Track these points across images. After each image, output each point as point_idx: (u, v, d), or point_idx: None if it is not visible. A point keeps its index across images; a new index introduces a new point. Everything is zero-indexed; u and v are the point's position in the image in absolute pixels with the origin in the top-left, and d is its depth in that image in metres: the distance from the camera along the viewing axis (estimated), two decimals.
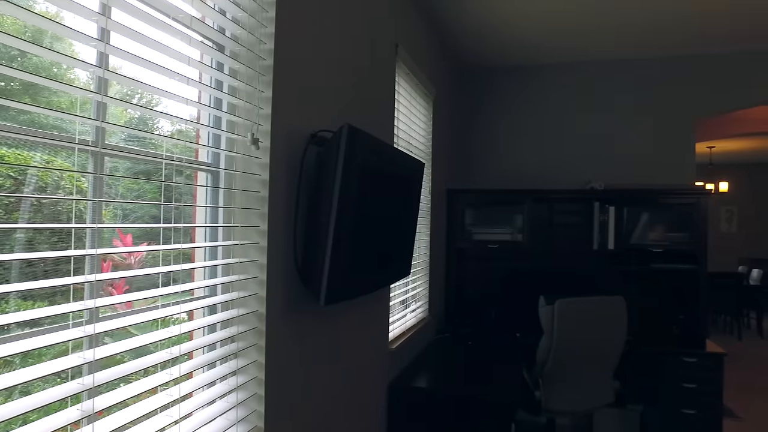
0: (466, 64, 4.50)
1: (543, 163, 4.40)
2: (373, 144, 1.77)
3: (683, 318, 3.99)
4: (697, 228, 3.78)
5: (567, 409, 3.30)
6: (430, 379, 2.93)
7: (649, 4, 3.27)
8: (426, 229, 3.57)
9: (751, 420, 4.52)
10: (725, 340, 7.65)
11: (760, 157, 10.11)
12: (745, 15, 3.41)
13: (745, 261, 10.27)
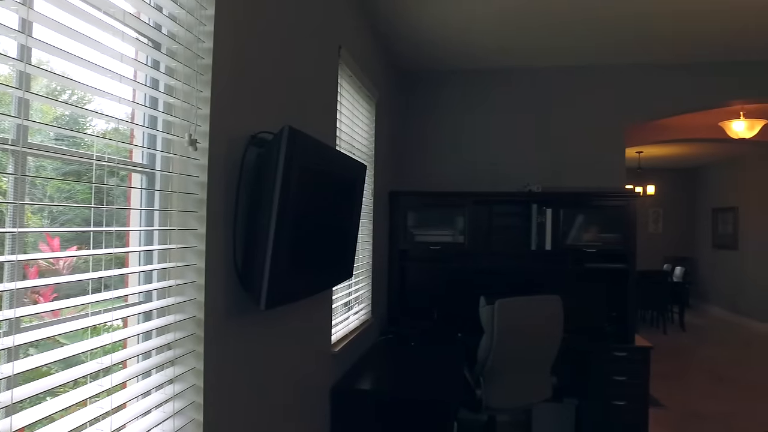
0: (408, 67, 4.55)
1: (483, 166, 4.50)
2: (315, 146, 1.76)
3: (615, 315, 4.18)
4: (627, 229, 3.97)
5: (507, 406, 3.39)
6: (374, 380, 2.94)
7: (582, 14, 3.41)
8: (368, 231, 3.57)
9: (673, 407, 4.80)
10: (652, 334, 8.08)
11: (683, 162, 10.75)
12: (668, 32, 3.62)
13: (670, 259, 10.90)
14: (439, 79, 4.61)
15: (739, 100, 4.43)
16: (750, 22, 3.48)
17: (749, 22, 3.48)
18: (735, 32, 3.66)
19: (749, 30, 3.61)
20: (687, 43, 3.90)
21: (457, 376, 3.02)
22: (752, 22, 3.47)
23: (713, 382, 5.73)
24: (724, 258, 10.08)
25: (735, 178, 9.77)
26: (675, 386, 5.49)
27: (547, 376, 3.49)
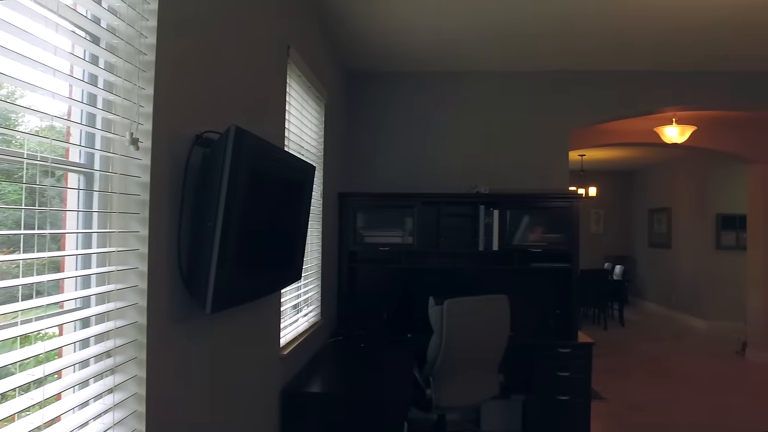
0: (358, 68, 4.55)
1: (432, 168, 4.56)
2: (262, 146, 1.73)
3: (559, 312, 4.32)
4: (571, 229, 4.10)
5: (457, 404, 3.43)
6: (324, 382, 2.92)
7: (527, 21, 3.50)
8: (318, 233, 3.55)
9: (614, 400, 5.00)
10: (593, 330, 8.40)
11: (622, 165, 11.22)
12: (611, 42, 3.77)
13: (611, 258, 11.36)
14: (389, 80, 4.63)
15: (671, 107, 4.67)
16: (682, 38, 3.67)
17: (682, 38, 3.68)
18: (669, 46, 3.86)
19: (681, 44, 3.82)
20: (627, 53, 4.08)
21: (407, 376, 3.03)
22: (684, 38, 3.66)
23: (650, 374, 6.00)
24: (659, 256, 10.58)
25: (668, 181, 10.28)
26: (615, 379, 5.72)
27: (495, 374, 3.56)
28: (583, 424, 3.84)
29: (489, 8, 3.31)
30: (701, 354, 7.08)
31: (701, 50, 4.01)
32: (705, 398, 5.16)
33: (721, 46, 3.92)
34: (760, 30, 3.59)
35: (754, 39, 3.76)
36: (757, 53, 4.05)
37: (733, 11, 3.29)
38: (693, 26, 3.53)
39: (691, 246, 9.36)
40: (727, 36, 3.71)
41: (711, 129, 6.57)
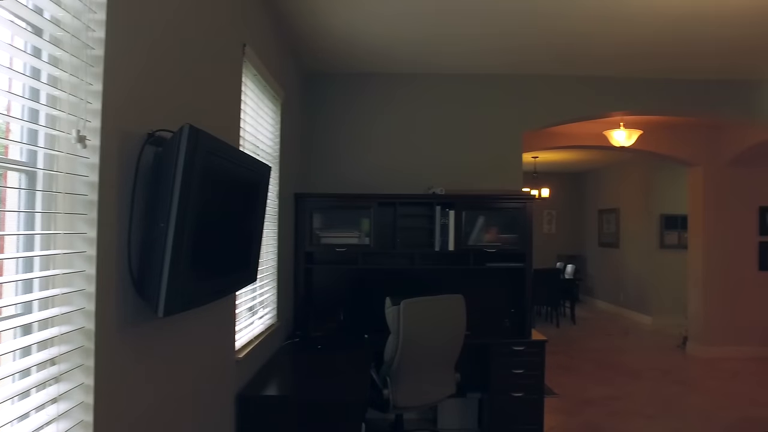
0: (315, 68, 4.52)
1: (388, 168, 4.57)
2: (217, 145, 1.69)
3: (513, 311, 4.41)
4: (524, 229, 4.19)
5: (414, 404, 3.45)
6: (280, 385, 2.88)
7: (483, 26, 3.55)
8: (273, 234, 3.50)
9: (566, 395, 5.14)
10: (546, 328, 8.62)
11: (573, 167, 11.56)
12: (563, 48, 3.87)
13: (563, 258, 11.67)
14: (346, 81, 4.62)
15: (619, 112, 4.84)
16: (630, 48, 3.81)
17: (629, 48, 3.82)
18: (618, 54, 4.00)
19: (629, 54, 3.96)
20: (578, 58, 4.20)
21: (364, 377, 3.03)
22: (631, 48, 3.80)
23: (600, 369, 6.20)
24: (608, 255, 10.95)
25: (617, 182, 10.65)
26: (567, 375, 5.89)
27: (451, 372, 3.60)
28: (537, 419, 3.93)
29: (442, 11, 3.34)
30: (646, 348, 7.37)
31: (647, 59, 4.18)
32: (650, 390, 5.38)
33: (665, 57, 4.10)
34: (698, 43, 3.78)
35: (693, 51, 3.96)
36: (696, 64, 4.26)
37: (675, 26, 3.44)
38: (639, 37, 3.67)
39: (637, 245, 9.73)
40: (670, 47, 3.88)
41: (655, 133, 6.85)
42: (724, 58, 4.18)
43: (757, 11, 3.27)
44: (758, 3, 3.16)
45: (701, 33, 3.65)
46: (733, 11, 3.29)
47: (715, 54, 4.09)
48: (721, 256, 6.96)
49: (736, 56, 4.14)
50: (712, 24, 3.49)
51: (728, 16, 3.36)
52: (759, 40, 3.78)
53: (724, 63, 4.32)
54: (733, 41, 3.81)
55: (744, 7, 3.23)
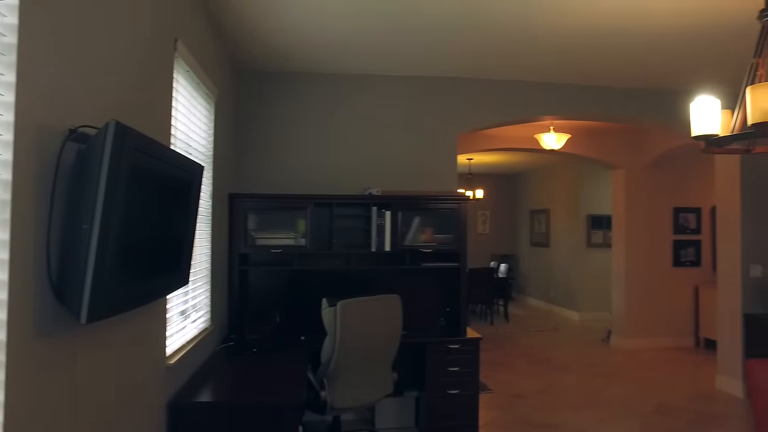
0: (251, 67, 4.43)
1: (325, 169, 4.55)
2: (145, 143, 1.63)
3: (449, 310, 4.50)
4: (459, 230, 4.29)
5: (352, 405, 3.45)
6: (214, 391, 2.81)
7: (419, 29, 3.61)
8: (207, 235, 3.41)
9: (499, 390, 5.30)
10: (481, 326, 8.85)
11: (507, 169, 11.92)
12: (497, 54, 3.99)
13: (496, 257, 12.01)
14: (282, 80, 4.57)
15: (549, 116, 5.04)
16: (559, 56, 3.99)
17: (559, 56, 3.99)
18: (549, 61, 4.16)
19: (559, 61, 4.14)
20: (510, 64, 4.34)
21: (301, 379, 3.00)
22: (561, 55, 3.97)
23: (531, 364, 6.43)
24: (539, 254, 11.38)
25: (547, 184, 11.08)
26: (500, 371, 6.07)
27: (388, 372, 3.63)
28: (472, 415, 4.02)
29: (377, 12, 3.37)
30: (574, 343, 7.71)
31: (576, 67, 4.39)
32: (577, 382, 5.63)
33: (592, 65, 4.32)
34: (622, 54, 4.00)
35: (616, 60, 4.19)
36: (620, 73, 4.51)
37: (601, 37, 3.63)
38: (568, 47, 3.85)
39: (566, 244, 10.17)
40: (597, 57, 4.09)
41: (583, 138, 7.21)
42: (646, 68, 4.45)
43: (675, 28, 3.50)
44: (676, 21, 3.38)
45: (625, 45, 3.87)
46: (654, 28, 3.51)
47: (637, 65, 4.35)
48: (640, 253, 7.41)
49: (656, 67, 4.42)
50: (635, 37, 3.70)
51: (650, 32, 3.58)
52: (676, 54, 4.06)
53: (645, 73, 4.60)
54: (653, 54, 4.07)
55: (664, 25, 3.45)
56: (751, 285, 5.25)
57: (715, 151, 2.64)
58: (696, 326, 7.55)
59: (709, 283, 7.41)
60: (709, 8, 3.26)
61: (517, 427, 4.35)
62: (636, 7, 3.24)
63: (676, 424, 4.46)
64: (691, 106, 2.45)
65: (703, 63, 4.31)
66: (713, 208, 7.60)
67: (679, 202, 7.61)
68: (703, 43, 3.86)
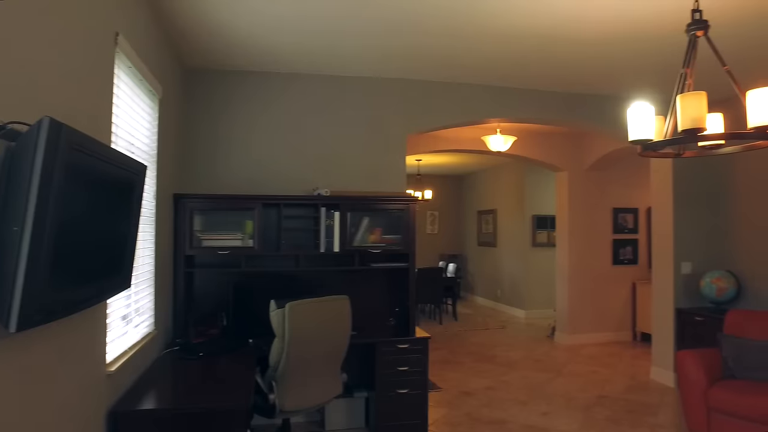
0: (196, 65, 4.33)
1: (273, 169, 4.50)
2: (82, 141, 1.56)
3: (398, 310, 4.53)
4: (408, 230, 4.33)
5: (301, 407, 3.42)
6: (158, 397, 2.73)
7: (368, 30, 3.62)
8: (150, 237, 3.31)
9: (448, 388, 5.38)
10: (430, 325, 8.95)
11: (455, 170, 12.12)
12: (443, 57, 4.06)
13: (445, 257, 12.19)
14: (230, 79, 4.48)
15: (496, 118, 5.16)
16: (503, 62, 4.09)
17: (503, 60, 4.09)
18: (494, 66, 4.26)
19: (503, 66, 4.24)
20: (456, 67, 4.41)
21: (249, 382, 2.96)
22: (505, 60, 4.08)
23: (479, 361, 6.56)
24: (486, 254, 11.62)
25: (494, 185, 11.33)
26: (449, 369, 6.16)
27: (337, 373, 3.63)
28: (421, 414, 4.07)
29: (321, 14, 3.36)
30: (520, 340, 7.92)
31: (519, 71, 4.51)
32: (523, 378, 5.79)
33: (534, 70, 4.45)
34: (561, 59, 4.14)
35: (558, 66, 4.34)
36: (561, 78, 4.67)
37: (542, 44, 3.75)
38: (510, 53, 3.95)
39: (512, 244, 10.42)
40: (539, 62, 4.22)
41: (528, 140, 7.42)
42: (587, 74, 4.63)
43: (613, 37, 3.66)
44: (614, 30, 3.53)
45: (567, 51, 4.01)
46: (593, 35, 3.65)
47: (578, 70, 4.52)
48: (582, 252, 7.69)
49: (596, 74, 4.60)
50: (574, 45, 3.84)
51: (589, 39, 3.72)
52: (614, 61, 4.24)
53: (586, 79, 4.78)
54: (591, 61, 4.23)
55: (602, 33, 3.59)
56: (682, 281, 5.54)
57: (650, 154, 2.77)
58: (633, 321, 7.91)
59: (645, 280, 7.78)
60: (643, 19, 3.42)
61: (466, 424, 4.43)
62: (575, 14, 3.36)
63: (614, 414, 4.66)
64: (628, 112, 2.57)
65: (638, 71, 4.52)
66: (649, 208, 7.99)
67: (618, 203, 7.95)
68: (638, 52, 4.05)
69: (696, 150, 2.83)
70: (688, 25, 2.53)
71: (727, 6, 3.21)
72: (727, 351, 4.13)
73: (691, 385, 3.98)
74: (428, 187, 12.38)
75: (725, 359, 4.13)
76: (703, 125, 2.26)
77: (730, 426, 3.76)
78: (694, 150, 2.86)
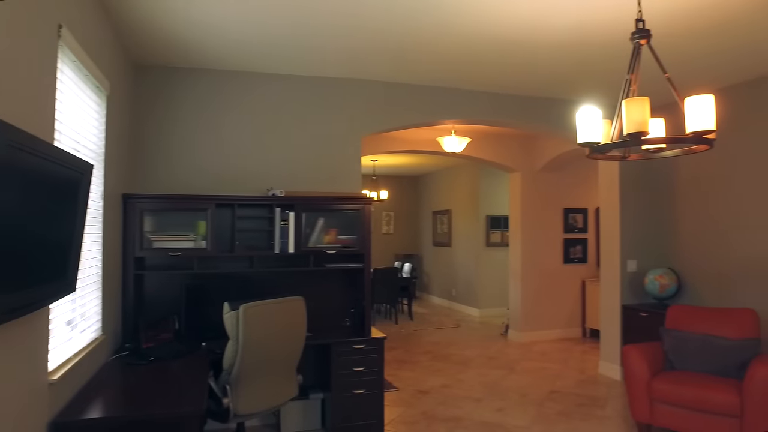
0: (147, 61, 4.20)
1: (226, 169, 4.43)
2: (21, 139, 1.50)
3: (353, 310, 4.53)
4: (363, 231, 4.33)
5: (256, 410, 3.38)
6: (105, 406, 2.63)
7: (322, 30, 3.61)
8: (98, 239, 3.20)
9: (404, 388, 5.42)
10: (385, 325, 8.99)
11: (410, 170, 12.20)
12: (397, 58, 4.08)
13: (400, 257, 12.26)
14: (183, 76, 4.38)
15: (450, 120, 5.23)
16: (458, 63, 4.15)
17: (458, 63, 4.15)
18: (449, 68, 4.32)
19: (458, 68, 4.31)
20: (411, 69, 4.45)
21: (202, 386, 2.89)
22: (459, 63, 4.14)
23: (434, 360, 6.63)
24: (441, 254, 11.75)
25: (449, 185, 11.48)
26: (405, 369, 6.20)
27: (293, 375, 3.60)
28: (378, 414, 4.08)
29: (279, 11, 3.33)
30: (475, 338, 8.05)
31: (473, 73, 4.58)
32: (477, 376, 5.89)
33: (488, 72, 4.53)
34: (516, 64, 4.24)
35: (514, 69, 4.44)
36: (513, 81, 4.78)
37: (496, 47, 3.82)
38: (464, 56, 4.02)
39: (467, 244, 10.58)
40: (492, 64, 4.30)
41: (482, 141, 7.55)
42: (539, 79, 4.75)
43: (563, 43, 3.77)
44: (564, 36, 3.64)
45: (518, 54, 4.11)
46: (545, 42, 3.75)
47: (531, 74, 4.63)
48: (534, 252, 7.89)
49: (547, 79, 4.73)
50: (529, 49, 3.94)
51: (541, 46, 3.82)
52: (565, 67, 4.36)
53: (538, 83, 4.91)
54: (545, 65, 4.35)
55: (553, 39, 3.70)
56: (628, 279, 5.76)
57: (598, 157, 2.87)
58: (583, 318, 8.17)
59: (594, 278, 8.05)
60: (592, 27, 3.53)
61: (422, 422, 4.47)
62: (533, 20, 3.45)
63: (565, 408, 4.80)
64: (577, 116, 2.65)
65: (588, 76, 4.68)
66: (598, 209, 8.27)
67: (569, 203, 8.20)
68: (588, 58, 4.19)
69: (640, 153, 2.95)
70: (632, 34, 2.63)
71: (669, 17, 3.36)
72: (668, 344, 4.33)
73: (635, 378, 4.14)
74: (384, 188, 12.43)
75: (666, 352, 4.32)
76: (647, 129, 2.36)
77: (670, 414, 3.95)
78: (639, 153, 2.98)
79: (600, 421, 4.51)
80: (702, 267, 5.36)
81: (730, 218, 5.07)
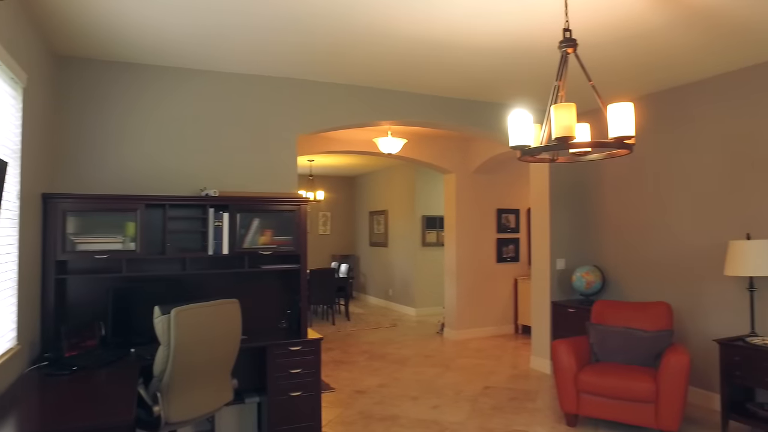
0: (70, 52, 3.98)
1: (157, 168, 4.27)
2: None
3: (290, 312, 4.48)
4: (299, 231, 4.29)
5: (189, 417, 3.27)
6: (20, 421, 2.46)
7: (260, 26, 3.54)
8: (13, 241, 2.99)
9: (341, 388, 5.41)
10: (322, 326, 8.95)
11: (347, 171, 12.19)
12: (330, 58, 4.07)
13: (337, 258, 12.24)
14: (109, 70, 4.17)
15: (386, 121, 5.27)
16: (395, 65, 4.19)
17: (395, 64, 4.19)
18: (384, 70, 4.36)
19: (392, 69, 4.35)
20: (346, 70, 4.45)
21: (130, 395, 2.77)
22: (397, 64, 4.18)
23: (371, 360, 6.66)
24: (378, 254, 11.82)
25: (385, 186, 11.56)
26: (342, 369, 6.19)
27: (227, 379, 3.51)
28: (315, 415, 4.06)
29: (211, 6, 3.25)
30: (411, 337, 8.15)
31: (410, 75, 4.64)
32: (414, 374, 5.97)
33: (425, 75, 4.61)
34: (450, 67, 4.33)
35: (448, 72, 4.53)
36: (447, 84, 4.88)
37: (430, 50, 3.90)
38: (403, 56, 4.07)
39: (403, 244, 10.70)
40: (429, 67, 4.37)
41: (418, 143, 7.66)
42: (472, 82, 4.88)
43: (495, 48, 3.88)
44: (495, 42, 3.75)
45: (454, 60, 4.20)
46: (479, 46, 3.85)
47: (464, 78, 4.74)
48: (469, 251, 8.09)
49: (480, 83, 4.86)
50: (463, 53, 4.03)
51: (475, 50, 3.92)
52: (497, 72, 4.50)
53: (471, 87, 5.04)
54: (478, 69, 4.46)
55: (485, 44, 3.80)
56: (557, 276, 6.02)
57: (528, 159, 2.98)
58: (515, 315, 8.45)
59: (525, 276, 8.35)
60: (523, 33, 3.66)
61: (359, 422, 4.48)
62: (467, 24, 3.53)
63: (498, 403, 4.95)
64: (509, 119, 2.74)
65: (519, 81, 4.85)
66: (529, 209, 8.58)
67: (502, 204, 8.46)
68: (519, 64, 4.34)
69: (568, 156, 3.09)
70: (560, 42, 2.75)
71: (594, 27, 3.53)
72: (593, 338, 4.56)
73: (563, 371, 4.34)
74: (320, 188, 12.37)
75: (592, 345, 4.55)
76: (573, 134, 2.48)
77: (595, 404, 4.18)
78: (567, 156, 3.12)
79: (531, 413, 4.69)
80: (624, 264, 5.68)
81: (647, 218, 5.41)
